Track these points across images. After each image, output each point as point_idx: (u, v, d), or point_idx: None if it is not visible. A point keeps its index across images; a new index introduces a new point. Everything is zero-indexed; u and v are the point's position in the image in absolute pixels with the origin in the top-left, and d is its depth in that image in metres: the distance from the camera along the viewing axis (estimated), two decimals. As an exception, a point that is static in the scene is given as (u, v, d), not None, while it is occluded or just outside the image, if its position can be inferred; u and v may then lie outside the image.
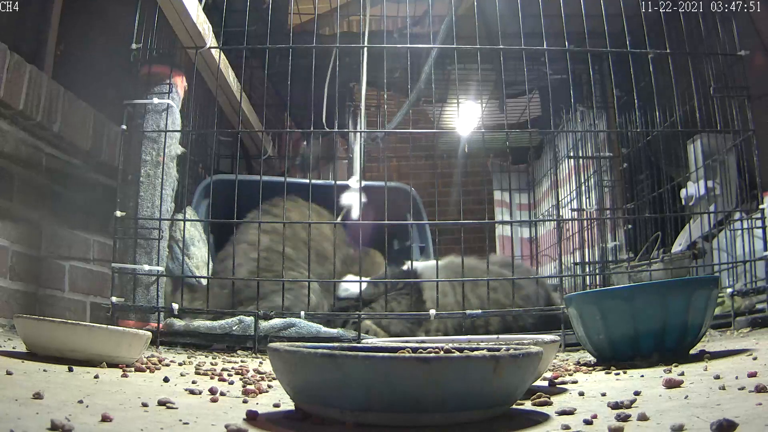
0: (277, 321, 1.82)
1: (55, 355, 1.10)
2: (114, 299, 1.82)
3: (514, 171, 4.21)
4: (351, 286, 2.10)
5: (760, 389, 0.72)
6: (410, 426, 0.61)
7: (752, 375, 0.85)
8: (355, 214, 2.23)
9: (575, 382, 1.02)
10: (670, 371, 1.04)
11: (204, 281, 2.03)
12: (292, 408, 0.71)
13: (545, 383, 1.00)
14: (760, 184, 2.07)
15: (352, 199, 2.31)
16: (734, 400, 0.69)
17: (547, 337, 1.00)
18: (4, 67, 1.65)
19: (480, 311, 1.90)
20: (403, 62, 2.19)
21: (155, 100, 1.96)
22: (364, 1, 2.48)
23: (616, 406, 0.70)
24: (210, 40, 2.15)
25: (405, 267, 2.18)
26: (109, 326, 1.16)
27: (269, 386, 0.97)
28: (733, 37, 1.97)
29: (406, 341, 1.02)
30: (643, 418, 0.63)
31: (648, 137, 2.61)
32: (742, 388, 0.75)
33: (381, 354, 0.60)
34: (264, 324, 1.80)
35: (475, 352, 0.65)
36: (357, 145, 2.57)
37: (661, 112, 2.27)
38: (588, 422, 0.63)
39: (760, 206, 1.97)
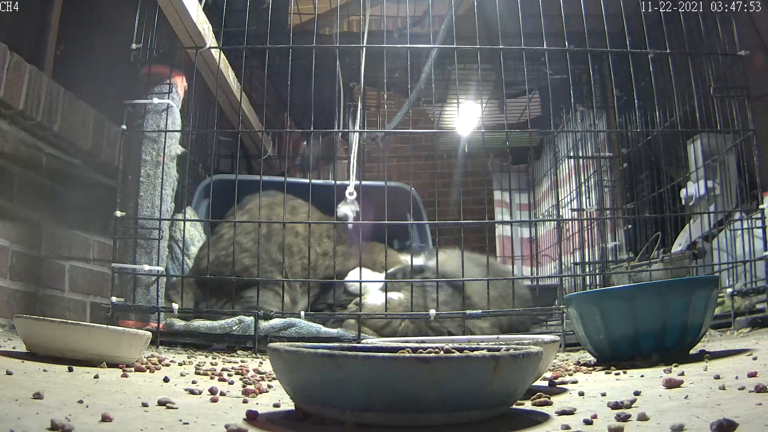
0: (277, 321, 1.82)
1: (55, 355, 1.10)
2: (114, 299, 1.82)
3: (514, 171, 4.20)
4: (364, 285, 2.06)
5: (760, 389, 0.72)
6: (410, 426, 0.61)
7: (752, 375, 0.85)
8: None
9: (575, 382, 1.02)
10: (670, 371, 1.04)
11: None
12: (292, 408, 0.71)
13: (545, 383, 1.00)
14: (760, 184, 2.07)
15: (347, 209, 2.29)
16: (734, 400, 0.69)
17: (547, 337, 1.00)
18: (4, 67, 1.65)
19: (480, 311, 1.90)
20: (403, 62, 2.19)
21: (155, 100, 1.96)
22: (364, 1, 2.48)
23: (616, 406, 0.70)
24: (210, 40, 2.15)
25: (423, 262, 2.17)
26: (109, 326, 1.16)
27: (269, 386, 0.97)
28: (733, 37, 1.97)
29: (406, 341, 1.02)
30: (643, 418, 0.63)
31: (648, 137, 2.61)
32: (742, 388, 0.75)
33: (381, 354, 0.60)
34: (264, 324, 1.80)
35: (475, 352, 0.65)
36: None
37: (661, 112, 2.27)
38: (588, 422, 0.63)
39: (760, 206, 1.97)
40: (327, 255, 2.23)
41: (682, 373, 0.97)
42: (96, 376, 0.97)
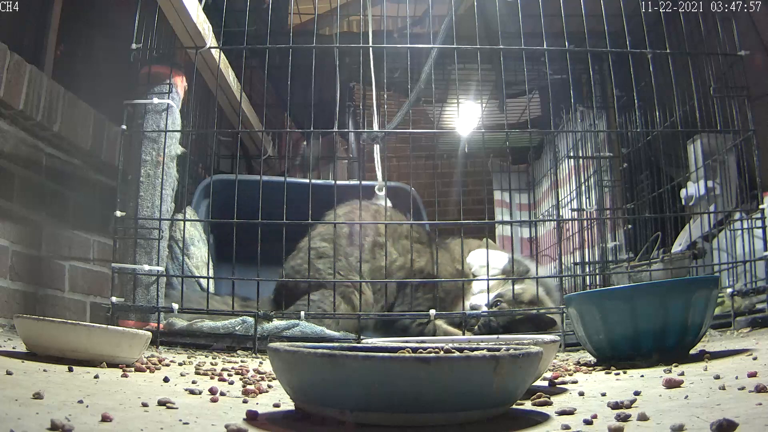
0: (280, 322, 1.82)
1: (56, 355, 1.10)
2: (114, 299, 1.82)
3: (514, 171, 4.20)
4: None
5: (760, 389, 0.72)
6: (410, 426, 0.61)
7: (752, 375, 0.85)
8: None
9: (575, 382, 1.02)
10: (670, 371, 1.04)
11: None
12: (292, 408, 0.71)
13: (545, 383, 1.00)
14: (760, 184, 2.07)
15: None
16: (734, 400, 0.69)
17: (547, 337, 1.00)
18: (4, 67, 1.65)
19: (479, 311, 1.90)
20: (403, 62, 2.19)
21: (155, 100, 1.96)
22: (364, 1, 2.48)
23: (616, 406, 0.70)
24: (210, 40, 2.14)
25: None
26: (109, 326, 1.16)
27: (269, 386, 0.97)
28: (733, 37, 1.97)
29: (406, 341, 1.02)
30: (643, 418, 0.63)
31: (648, 137, 2.61)
32: (742, 388, 0.75)
33: (381, 354, 0.60)
34: (267, 325, 1.80)
35: (475, 352, 0.65)
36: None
37: (661, 112, 2.27)
38: (588, 422, 0.63)
39: (760, 206, 1.96)
40: (418, 254, 2.18)
41: (682, 373, 0.97)
42: (96, 376, 0.97)
